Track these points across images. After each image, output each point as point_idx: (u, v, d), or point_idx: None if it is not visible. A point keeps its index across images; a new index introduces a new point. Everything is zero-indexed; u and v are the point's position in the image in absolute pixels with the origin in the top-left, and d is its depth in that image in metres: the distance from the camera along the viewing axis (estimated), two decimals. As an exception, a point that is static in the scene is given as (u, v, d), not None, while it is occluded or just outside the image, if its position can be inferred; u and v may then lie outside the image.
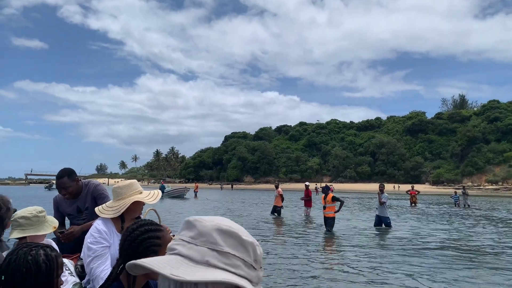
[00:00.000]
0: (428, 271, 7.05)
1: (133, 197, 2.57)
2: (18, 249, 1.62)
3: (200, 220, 0.73)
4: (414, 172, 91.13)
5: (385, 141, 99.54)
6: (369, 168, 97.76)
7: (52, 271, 1.61)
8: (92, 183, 3.67)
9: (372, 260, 8.06)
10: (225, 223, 0.74)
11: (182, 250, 0.70)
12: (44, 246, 1.66)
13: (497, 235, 12.14)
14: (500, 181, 76.92)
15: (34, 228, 2.48)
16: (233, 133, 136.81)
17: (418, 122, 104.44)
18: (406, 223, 15.39)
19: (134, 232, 1.77)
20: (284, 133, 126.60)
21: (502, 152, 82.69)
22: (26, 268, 1.55)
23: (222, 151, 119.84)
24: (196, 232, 0.72)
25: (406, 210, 22.53)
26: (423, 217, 18.44)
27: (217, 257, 0.69)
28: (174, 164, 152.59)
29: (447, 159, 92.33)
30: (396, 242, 10.44)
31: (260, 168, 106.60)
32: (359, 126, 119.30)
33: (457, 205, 27.13)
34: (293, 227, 13.90)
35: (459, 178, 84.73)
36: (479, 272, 7.02)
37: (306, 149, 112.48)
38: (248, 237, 0.74)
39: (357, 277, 6.60)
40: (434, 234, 12.24)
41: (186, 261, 0.69)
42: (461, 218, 18.01)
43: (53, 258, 1.63)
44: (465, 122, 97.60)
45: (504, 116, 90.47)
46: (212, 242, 0.70)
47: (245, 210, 21.45)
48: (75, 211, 3.56)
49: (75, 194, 3.49)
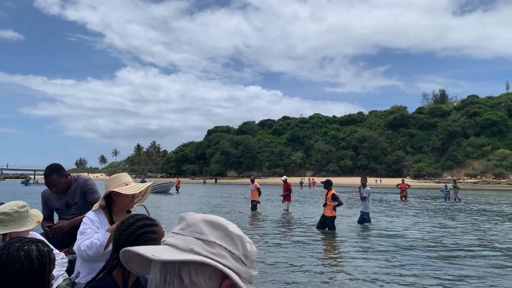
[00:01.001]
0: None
1: (115, 189, 2.55)
2: (10, 244, 1.59)
3: (190, 214, 0.76)
4: (395, 166, 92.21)
5: (367, 136, 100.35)
6: (351, 162, 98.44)
7: (44, 267, 1.60)
8: (81, 178, 3.61)
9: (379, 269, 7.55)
10: (213, 216, 0.76)
11: (169, 240, 0.73)
12: (36, 241, 1.64)
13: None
14: (479, 175, 78.59)
15: (16, 224, 2.42)
16: (216, 127, 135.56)
17: (399, 117, 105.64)
18: (406, 220, 14.59)
19: (130, 227, 1.79)
20: (267, 127, 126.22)
21: (480, 146, 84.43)
22: (18, 263, 1.54)
23: (205, 146, 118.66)
24: (185, 223, 0.74)
25: (402, 206, 21.67)
26: (424, 212, 17.94)
27: (202, 245, 0.70)
28: (156, 158, 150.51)
29: (428, 153, 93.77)
30: (416, 244, 9.40)
31: (243, 162, 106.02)
32: (341, 121, 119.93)
33: (447, 199, 26.86)
34: (276, 223, 13.34)
35: (439, 172, 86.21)
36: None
37: (289, 144, 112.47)
38: (235, 230, 0.74)
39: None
40: (444, 233, 11.41)
41: (171, 248, 0.71)
42: (465, 214, 17.44)
43: (46, 254, 1.62)
44: (446, 116, 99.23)
45: (483, 111, 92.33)
46: (198, 232, 0.72)
47: (237, 206, 20.59)
48: (63, 206, 3.53)
49: (64, 189, 3.47)
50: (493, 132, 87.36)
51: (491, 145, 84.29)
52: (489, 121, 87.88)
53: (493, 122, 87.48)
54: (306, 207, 20.38)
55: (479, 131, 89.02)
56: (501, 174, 75.98)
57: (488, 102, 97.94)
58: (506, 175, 75.85)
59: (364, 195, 12.72)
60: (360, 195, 12.98)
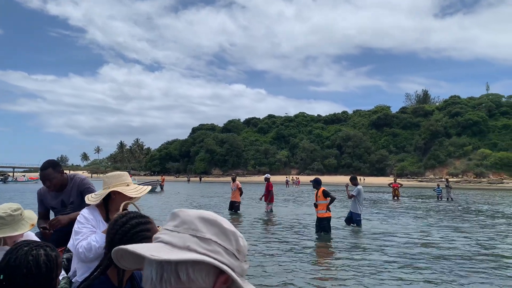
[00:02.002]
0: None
1: (116, 188, 2.53)
2: (18, 248, 1.59)
3: (184, 210, 0.76)
4: (379, 165, 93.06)
5: (351, 135, 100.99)
6: (336, 161, 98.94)
7: (52, 272, 1.59)
8: (78, 177, 3.58)
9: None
10: (208, 213, 0.76)
11: (165, 238, 0.72)
12: (44, 246, 1.64)
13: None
14: (460, 174, 79.97)
15: (10, 228, 2.33)
16: (200, 125, 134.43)
17: (383, 116, 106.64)
18: (407, 223, 13.78)
19: (125, 226, 1.79)
20: (252, 125, 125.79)
21: (462, 146, 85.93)
22: (26, 268, 1.52)
23: (189, 143, 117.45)
24: (180, 220, 0.74)
25: (396, 206, 21.07)
26: (423, 213, 17.65)
27: (198, 243, 0.71)
28: (139, 156, 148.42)
29: (410, 153, 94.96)
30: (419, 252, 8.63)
31: (228, 160, 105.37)
32: (326, 120, 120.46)
33: (440, 198, 26.32)
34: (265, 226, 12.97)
35: (422, 171, 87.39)
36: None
37: (274, 142, 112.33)
38: (230, 227, 0.76)
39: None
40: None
41: (168, 246, 0.71)
42: (471, 216, 17.08)
43: (54, 259, 1.62)
44: (428, 116, 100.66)
45: (464, 111, 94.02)
46: (193, 229, 0.72)
47: (226, 204, 20.20)
48: (59, 205, 3.49)
49: (60, 187, 3.43)
50: (474, 132, 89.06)
51: (472, 144, 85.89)
52: (470, 121, 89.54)
53: (474, 122, 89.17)
54: (292, 207, 20.07)
55: (460, 131, 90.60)
56: (481, 173, 77.48)
57: (470, 102, 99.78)
58: (487, 174, 77.42)
59: (351, 193, 11.90)
60: (347, 193, 12.24)
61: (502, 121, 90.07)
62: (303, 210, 17.37)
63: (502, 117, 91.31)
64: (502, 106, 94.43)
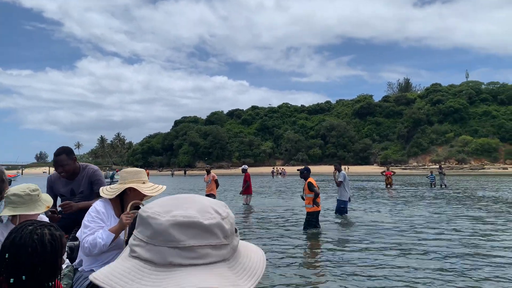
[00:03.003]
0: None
1: (132, 184, 2.57)
2: (22, 228, 1.60)
3: (153, 217, 0.64)
4: (363, 153, 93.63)
5: (335, 124, 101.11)
6: (320, 150, 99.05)
7: (57, 251, 1.60)
8: (90, 167, 3.61)
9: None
10: (180, 213, 0.64)
11: (142, 253, 0.64)
12: (48, 225, 1.65)
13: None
14: (443, 161, 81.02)
15: (26, 207, 2.38)
16: (183, 118, 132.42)
17: (366, 105, 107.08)
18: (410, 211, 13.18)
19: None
20: (236, 117, 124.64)
21: (444, 133, 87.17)
22: (32, 247, 1.54)
23: (172, 136, 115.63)
24: (152, 231, 0.64)
25: (392, 195, 20.58)
26: (420, 201, 17.24)
27: (180, 254, 0.62)
28: (121, 150, 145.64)
29: (394, 141, 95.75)
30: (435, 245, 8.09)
31: (212, 153, 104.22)
32: (310, 110, 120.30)
33: (433, 185, 25.92)
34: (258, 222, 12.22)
35: (405, 158, 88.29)
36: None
37: (259, 133, 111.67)
38: (211, 219, 0.65)
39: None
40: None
41: (148, 266, 0.62)
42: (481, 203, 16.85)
43: (58, 238, 1.62)
44: (410, 104, 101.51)
45: (446, 99, 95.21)
46: (170, 240, 0.62)
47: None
48: (68, 193, 3.52)
49: (71, 174, 3.47)
50: (455, 119, 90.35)
51: (453, 131, 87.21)
52: (452, 108, 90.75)
53: (456, 109, 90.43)
54: (275, 199, 19.37)
55: (442, 119, 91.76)
56: (463, 159, 78.71)
57: (450, 90, 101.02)
58: (468, 161, 78.70)
59: (339, 180, 11.58)
60: (335, 180, 11.85)
61: (482, 108, 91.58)
62: (286, 203, 16.41)
63: (482, 104, 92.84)
64: (482, 93, 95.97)
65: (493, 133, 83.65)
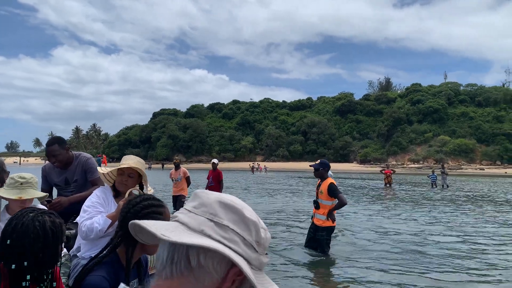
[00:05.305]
0: None
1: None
2: (23, 214, 1.61)
3: (206, 192, 0.73)
4: (343, 151, 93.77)
5: (316, 121, 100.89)
6: (301, 147, 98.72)
7: (58, 237, 1.62)
8: (83, 156, 3.60)
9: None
10: (229, 198, 0.72)
11: (181, 217, 0.70)
12: (48, 212, 1.67)
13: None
14: (421, 160, 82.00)
15: (34, 189, 2.49)
16: (162, 110, 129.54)
17: (347, 103, 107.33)
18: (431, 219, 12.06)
19: (137, 205, 1.84)
20: (217, 111, 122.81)
21: (423, 132, 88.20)
22: (33, 233, 1.55)
23: (150, 129, 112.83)
24: (199, 201, 0.71)
25: (392, 195, 19.61)
26: (432, 204, 16.25)
27: (214, 228, 0.67)
28: (96, 142, 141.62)
29: (373, 139, 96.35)
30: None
31: (192, 146, 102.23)
32: (291, 106, 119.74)
33: (434, 186, 24.85)
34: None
35: (384, 157, 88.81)
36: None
37: (239, 128, 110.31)
38: (251, 215, 0.71)
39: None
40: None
41: (182, 227, 0.68)
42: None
43: (59, 225, 1.64)
44: (391, 103, 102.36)
45: (425, 99, 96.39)
46: (211, 213, 0.68)
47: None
48: (62, 182, 3.52)
49: (65, 164, 3.45)
50: (434, 119, 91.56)
51: (432, 131, 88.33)
52: (431, 108, 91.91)
53: (435, 109, 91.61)
54: (255, 199, 18.26)
55: (421, 118, 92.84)
56: (441, 159, 79.74)
57: (430, 90, 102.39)
58: (446, 160, 79.78)
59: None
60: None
61: (460, 109, 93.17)
62: (269, 203, 15.16)
63: (460, 105, 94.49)
64: (460, 94, 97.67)
65: (470, 134, 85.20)
